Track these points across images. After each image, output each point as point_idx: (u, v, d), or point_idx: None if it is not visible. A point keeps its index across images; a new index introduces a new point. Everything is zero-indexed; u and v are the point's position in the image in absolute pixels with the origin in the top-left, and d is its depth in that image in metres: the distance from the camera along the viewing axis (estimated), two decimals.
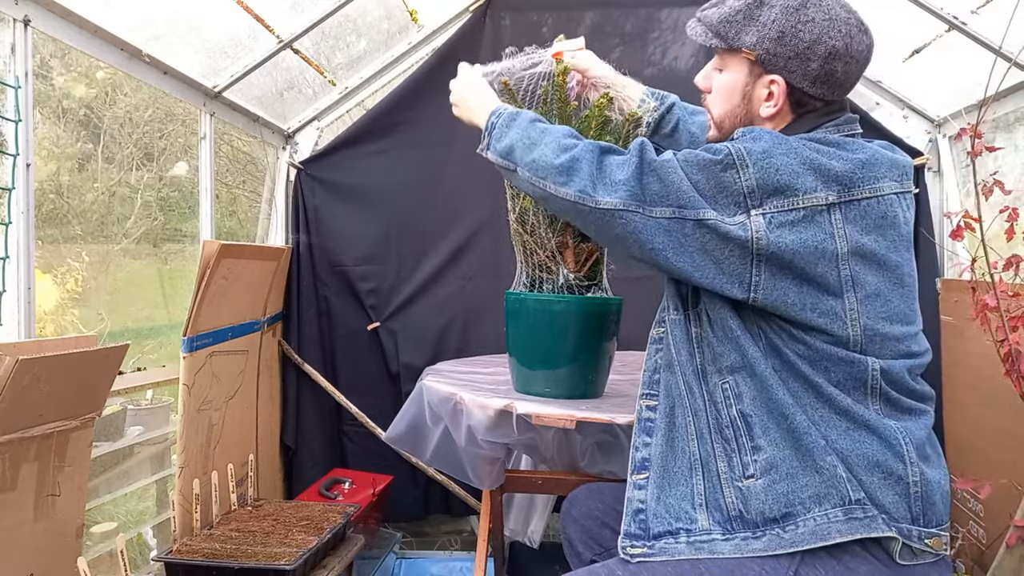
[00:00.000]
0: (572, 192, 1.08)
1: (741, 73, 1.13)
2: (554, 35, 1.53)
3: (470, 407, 1.50)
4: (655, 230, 1.04)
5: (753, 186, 1.00)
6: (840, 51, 1.06)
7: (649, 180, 1.05)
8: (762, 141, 1.02)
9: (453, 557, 2.57)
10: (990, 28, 1.98)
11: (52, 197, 2.52)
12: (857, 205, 1.00)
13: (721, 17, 1.14)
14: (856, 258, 1.00)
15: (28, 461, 1.34)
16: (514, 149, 1.19)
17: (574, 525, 1.42)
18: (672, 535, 1.06)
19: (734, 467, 1.05)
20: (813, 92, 1.09)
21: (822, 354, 1.02)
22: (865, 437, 1.01)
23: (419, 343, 2.54)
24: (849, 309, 1.01)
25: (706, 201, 1.02)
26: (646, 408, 1.17)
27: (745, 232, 0.99)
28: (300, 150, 2.65)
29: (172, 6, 1.84)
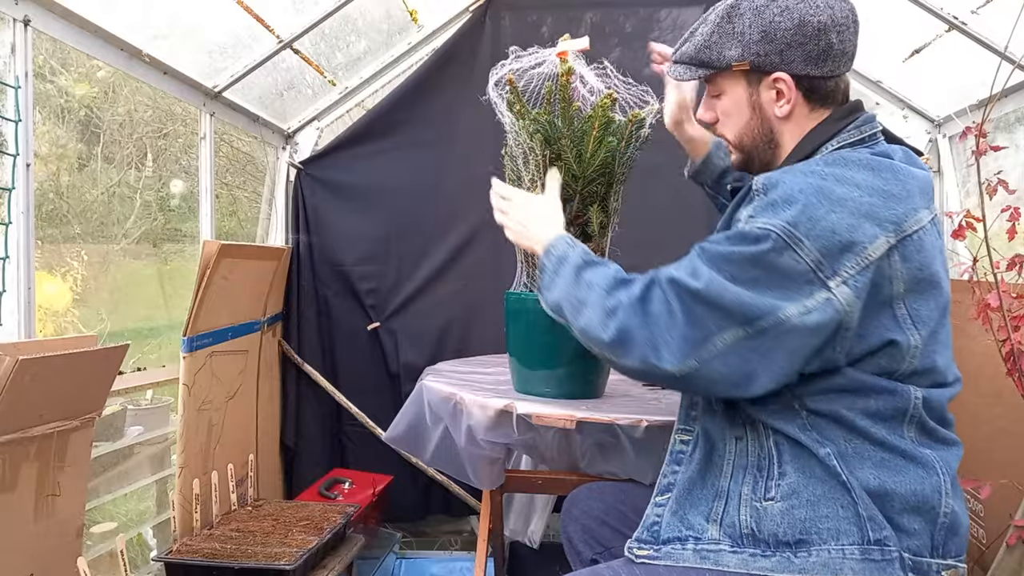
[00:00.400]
0: (635, 363, 1.00)
1: (740, 88, 1.10)
2: (554, 35, 1.53)
3: (470, 407, 1.50)
4: (738, 360, 0.94)
5: (818, 258, 0.91)
6: (827, 23, 1.03)
7: (702, 313, 0.95)
8: (797, 204, 0.92)
9: (453, 557, 2.57)
10: (990, 28, 1.98)
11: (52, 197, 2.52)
12: (910, 241, 0.95)
13: (697, 47, 1.12)
14: (913, 295, 0.96)
15: (28, 461, 1.34)
16: (563, 307, 1.12)
17: (574, 524, 1.42)
18: (680, 541, 1.05)
19: (757, 490, 1.03)
20: (820, 72, 1.05)
21: (863, 384, 0.97)
22: (902, 466, 0.98)
23: (419, 343, 2.54)
24: (912, 346, 0.96)
25: (775, 298, 0.92)
26: (680, 441, 1.14)
27: (833, 308, 0.91)
28: (300, 150, 2.65)
29: (172, 6, 1.84)
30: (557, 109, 1.47)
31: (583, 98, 1.49)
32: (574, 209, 1.49)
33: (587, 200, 1.50)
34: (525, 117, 1.47)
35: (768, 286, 0.92)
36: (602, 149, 1.44)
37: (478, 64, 2.50)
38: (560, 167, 1.45)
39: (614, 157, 1.48)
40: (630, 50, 2.50)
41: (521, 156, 1.50)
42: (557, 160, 1.46)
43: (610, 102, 1.44)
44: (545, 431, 1.56)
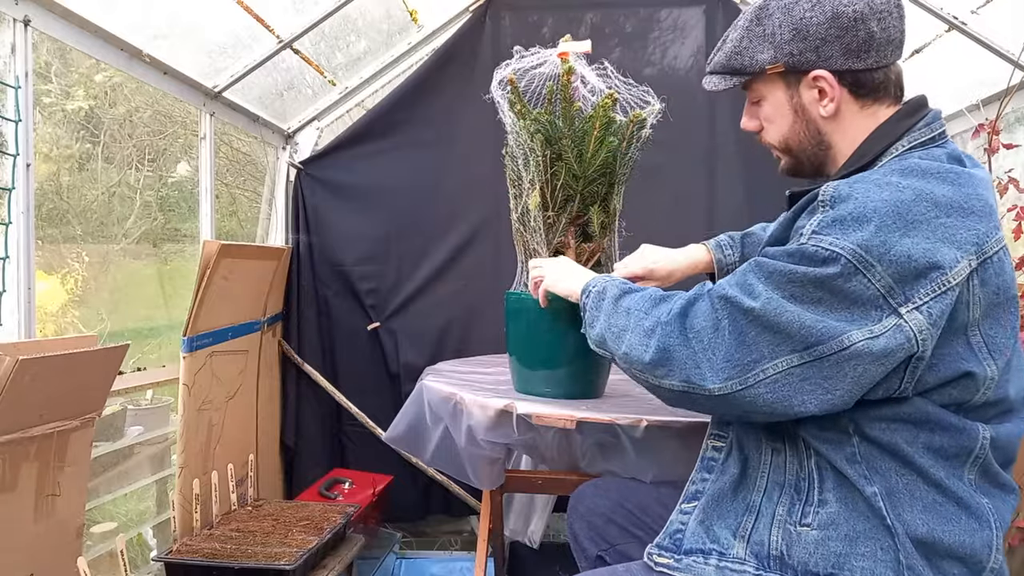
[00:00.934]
0: (677, 383, 0.94)
1: (779, 91, 1.05)
2: (554, 35, 1.53)
3: (470, 407, 1.50)
4: (788, 389, 0.88)
5: (889, 284, 0.84)
6: (864, 12, 0.96)
7: (755, 335, 0.88)
8: (870, 224, 0.85)
9: (453, 557, 2.57)
10: (990, 28, 1.98)
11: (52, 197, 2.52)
12: (990, 263, 0.88)
13: (728, 54, 1.07)
14: (988, 320, 0.89)
15: (28, 461, 1.34)
16: (606, 339, 1.07)
17: (580, 521, 1.41)
18: (703, 554, 1.01)
19: (793, 512, 0.97)
20: (863, 65, 0.98)
21: (929, 416, 0.90)
22: (954, 514, 0.91)
23: (419, 343, 2.54)
24: (989, 377, 0.89)
25: (839, 323, 0.85)
26: (712, 448, 1.10)
27: (903, 335, 0.84)
28: (300, 150, 2.65)
29: (172, 6, 1.84)
30: (558, 109, 1.47)
31: (584, 98, 1.50)
32: (575, 209, 1.49)
33: (588, 200, 1.50)
34: (526, 117, 1.47)
35: (831, 309, 0.86)
36: (603, 149, 1.44)
37: (478, 64, 2.50)
38: (561, 167, 1.45)
39: (615, 157, 1.48)
40: (630, 50, 2.50)
41: (521, 156, 1.50)
42: (558, 160, 1.46)
43: (611, 102, 1.44)
44: (545, 431, 1.55)
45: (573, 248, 1.52)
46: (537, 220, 1.50)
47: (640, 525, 1.35)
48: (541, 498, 2.31)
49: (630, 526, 1.35)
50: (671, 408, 1.46)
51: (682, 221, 2.49)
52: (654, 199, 2.37)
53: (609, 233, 1.56)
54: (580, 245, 1.52)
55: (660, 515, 1.31)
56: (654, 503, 1.36)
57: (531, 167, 1.48)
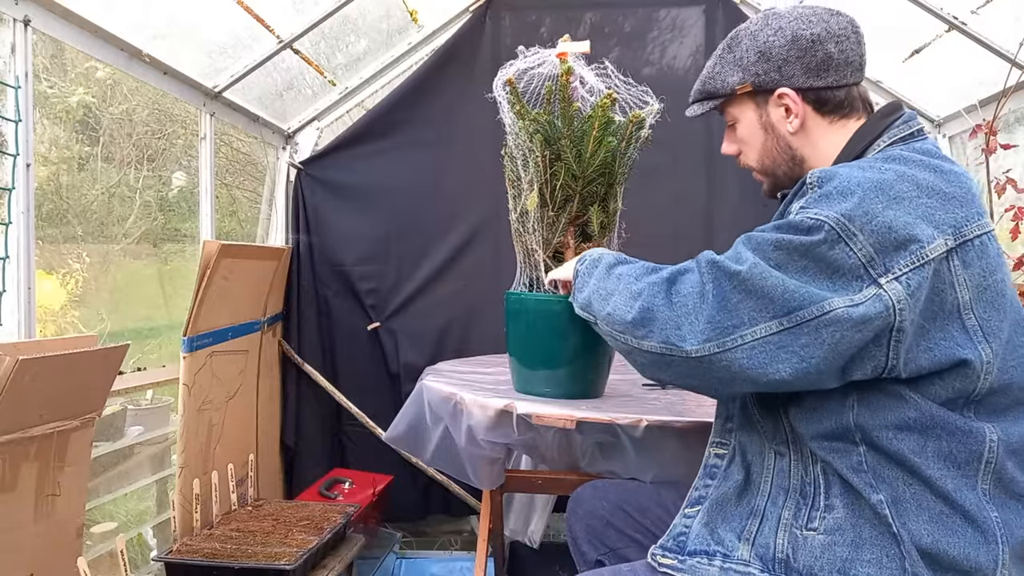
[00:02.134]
0: (656, 344, 0.96)
1: (750, 111, 1.12)
2: (554, 35, 1.53)
3: (470, 407, 1.50)
4: (764, 356, 0.89)
5: (870, 253, 0.87)
6: (822, 35, 1.05)
7: (737, 299, 0.90)
8: (854, 196, 0.89)
9: (453, 557, 2.57)
10: (990, 28, 1.98)
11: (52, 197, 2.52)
12: (971, 246, 0.90)
13: (703, 80, 1.16)
14: (982, 304, 0.91)
15: (28, 461, 1.34)
16: (591, 302, 1.11)
17: (579, 524, 1.41)
18: (707, 555, 1.01)
19: (799, 517, 0.97)
20: (823, 84, 1.06)
21: (934, 420, 0.91)
22: (960, 527, 0.90)
23: (419, 343, 2.54)
24: (986, 362, 0.90)
25: (820, 290, 0.88)
26: (714, 455, 1.11)
27: (882, 304, 0.86)
28: (300, 150, 2.65)
29: (172, 6, 1.84)
30: (557, 109, 1.47)
31: (582, 98, 1.50)
32: (574, 209, 1.49)
33: (587, 200, 1.50)
34: (525, 117, 1.47)
35: (815, 277, 0.89)
36: (602, 149, 1.44)
37: (478, 64, 2.50)
38: (560, 167, 1.45)
39: (614, 157, 1.48)
40: (629, 50, 2.50)
41: (521, 157, 1.50)
42: (557, 160, 1.46)
43: (610, 102, 1.44)
44: (545, 431, 1.55)
45: (573, 248, 1.52)
46: (536, 220, 1.50)
47: (639, 528, 1.35)
48: (541, 498, 2.31)
49: (629, 529, 1.35)
50: (671, 408, 1.47)
51: (681, 221, 2.49)
52: (653, 199, 2.37)
53: (608, 233, 1.56)
54: (580, 245, 1.52)
55: (659, 518, 1.31)
56: (653, 505, 1.36)
57: (530, 167, 1.48)
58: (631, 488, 1.44)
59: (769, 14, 1.10)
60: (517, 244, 1.59)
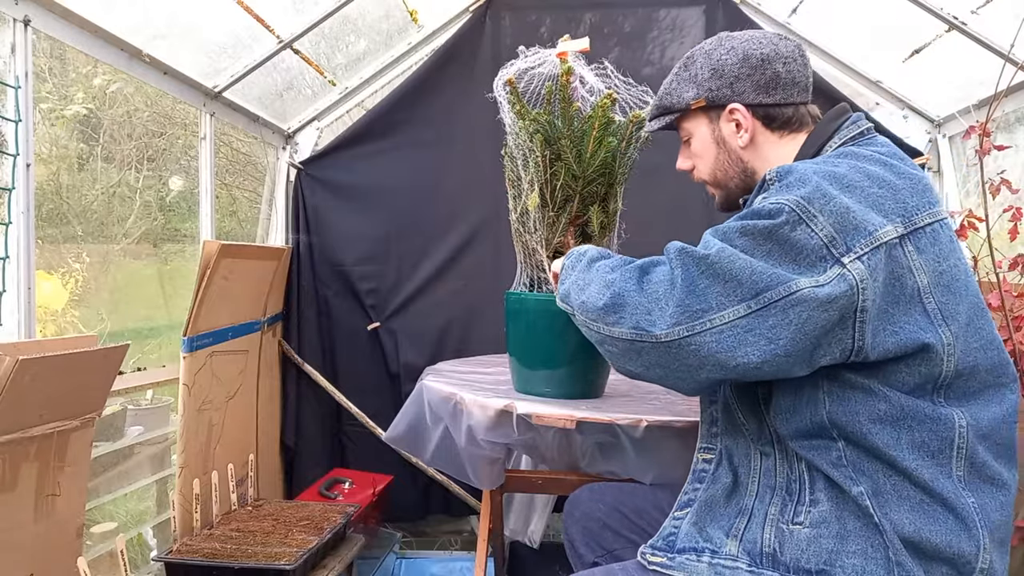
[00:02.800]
0: (626, 330, 0.97)
1: (703, 125, 1.18)
2: (554, 35, 1.53)
3: (470, 407, 1.50)
4: (733, 340, 0.90)
5: (831, 233, 0.90)
6: (771, 55, 1.11)
7: (705, 284, 0.92)
8: (810, 183, 0.93)
9: (453, 557, 2.57)
10: (990, 28, 1.98)
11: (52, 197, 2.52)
12: (923, 233, 0.93)
13: (660, 96, 1.22)
14: (940, 288, 0.93)
15: (28, 461, 1.34)
16: (570, 293, 1.13)
17: (576, 526, 1.42)
18: (696, 552, 1.03)
19: (785, 512, 1.00)
20: (771, 101, 1.11)
21: (905, 412, 0.93)
22: (940, 514, 0.92)
23: (419, 343, 2.54)
24: (947, 344, 0.92)
25: (786, 272, 0.90)
26: (702, 461, 1.14)
27: (847, 283, 0.88)
28: (300, 150, 2.65)
29: (172, 6, 1.84)
30: (557, 109, 1.47)
31: (582, 98, 1.50)
32: (574, 209, 1.49)
33: (587, 200, 1.50)
34: (525, 117, 1.47)
35: (780, 260, 0.91)
36: (602, 149, 1.44)
37: (478, 64, 2.50)
38: (560, 167, 1.45)
39: (614, 157, 1.48)
40: (629, 50, 2.50)
41: (521, 157, 1.50)
42: (557, 160, 1.46)
43: (610, 102, 1.44)
44: (545, 431, 1.56)
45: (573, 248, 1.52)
46: (537, 220, 1.50)
47: (635, 530, 1.35)
48: (541, 498, 2.31)
49: (625, 531, 1.35)
50: (671, 408, 1.47)
51: (681, 221, 2.49)
52: (653, 199, 2.37)
53: (608, 233, 1.56)
54: (580, 245, 1.52)
55: (656, 519, 1.31)
56: (649, 507, 1.36)
57: (530, 167, 1.48)
58: (627, 490, 1.44)
59: (723, 36, 1.17)
60: (517, 244, 1.59)
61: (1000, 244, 1.62)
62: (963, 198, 2.31)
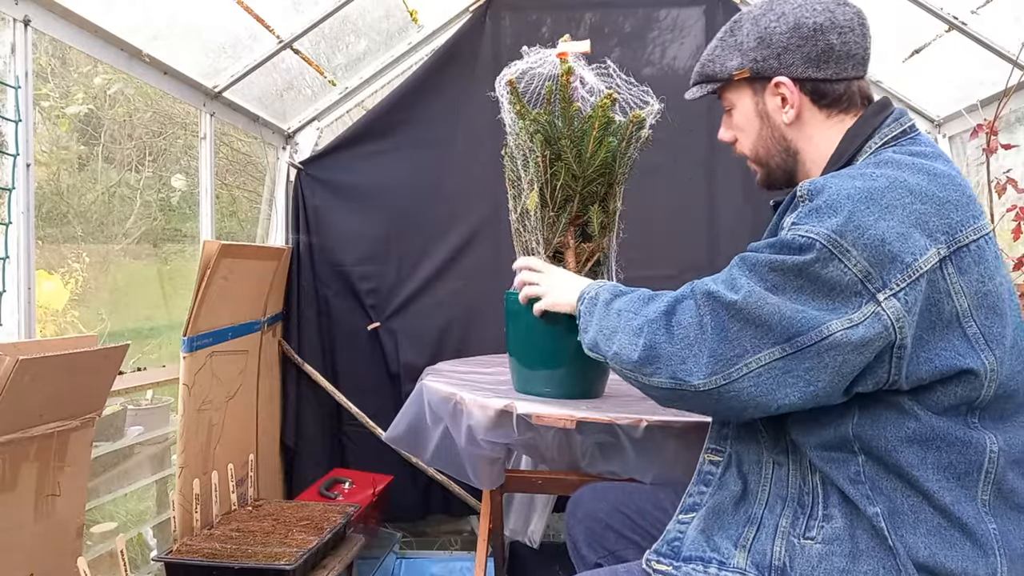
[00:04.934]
0: (665, 380, 0.95)
1: (747, 98, 1.11)
2: (554, 35, 1.53)
3: (470, 407, 1.50)
4: (771, 383, 0.88)
5: (866, 268, 0.85)
6: (825, 24, 1.02)
7: (736, 328, 0.90)
8: (844, 210, 0.86)
9: (453, 557, 2.57)
10: (990, 28, 1.98)
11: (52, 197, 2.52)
12: (967, 251, 0.88)
13: (702, 63, 1.15)
14: (983, 311, 0.89)
15: (28, 461, 1.34)
16: (598, 343, 1.09)
17: (579, 526, 1.41)
18: (703, 562, 1.00)
19: (797, 525, 0.97)
20: (822, 75, 1.03)
21: (936, 433, 0.89)
22: (958, 540, 0.89)
23: (419, 343, 2.54)
24: (990, 370, 0.88)
25: (819, 312, 0.86)
26: (709, 463, 1.10)
27: (881, 323, 0.84)
28: (300, 150, 2.65)
29: (172, 6, 1.84)
30: (557, 109, 1.47)
31: (583, 98, 1.50)
32: (574, 209, 1.49)
33: (587, 200, 1.50)
34: (525, 117, 1.47)
35: (812, 298, 0.87)
36: (602, 149, 1.44)
37: (478, 64, 2.50)
38: (560, 167, 1.45)
39: (614, 157, 1.48)
40: (629, 50, 2.50)
41: (521, 157, 1.50)
42: (557, 160, 1.46)
43: (610, 102, 1.44)
44: (545, 431, 1.55)
45: (573, 248, 1.52)
46: (536, 220, 1.50)
47: (637, 530, 1.35)
48: (541, 498, 2.31)
49: (628, 531, 1.35)
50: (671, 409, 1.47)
51: (682, 221, 2.49)
52: (654, 199, 2.37)
53: (608, 233, 1.55)
54: (580, 245, 1.52)
55: (658, 519, 1.31)
56: (652, 508, 1.35)
57: (530, 167, 1.48)
58: (629, 490, 1.44)
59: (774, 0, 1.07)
60: (517, 244, 1.59)
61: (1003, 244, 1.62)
62: None
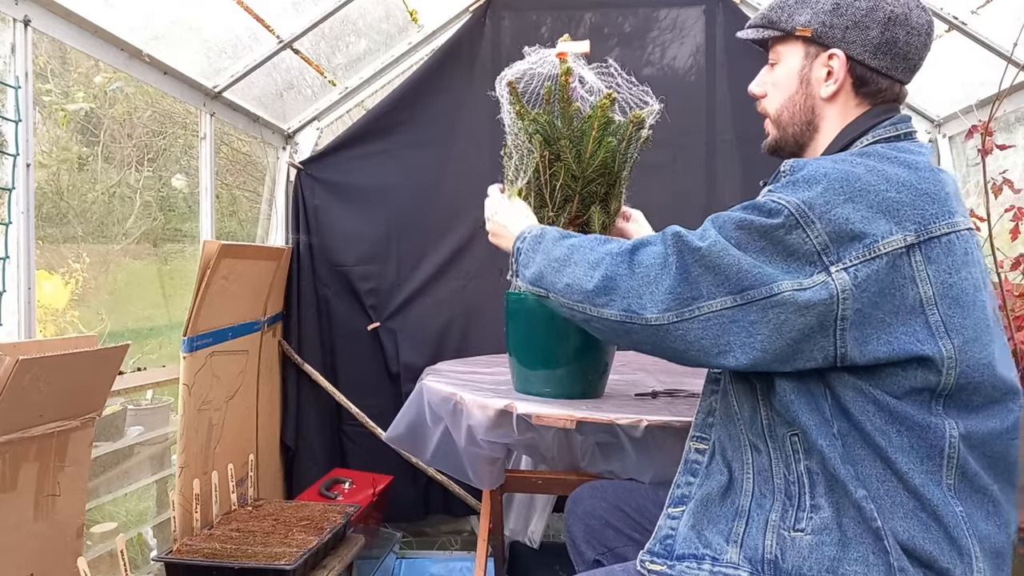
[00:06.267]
0: (616, 312, 0.99)
1: (797, 57, 1.09)
2: (554, 35, 1.53)
3: (470, 407, 1.50)
4: (717, 329, 0.93)
5: (825, 241, 0.89)
6: (900, 17, 1.02)
7: (698, 274, 0.94)
8: (819, 185, 0.91)
9: (453, 557, 2.57)
10: (990, 28, 1.98)
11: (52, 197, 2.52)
12: (938, 242, 0.91)
13: (771, 7, 1.12)
14: (947, 301, 0.91)
15: (28, 461, 1.34)
16: (543, 275, 1.11)
17: (578, 524, 1.41)
18: (696, 559, 1.01)
19: (786, 518, 0.98)
20: (875, 64, 1.04)
21: (896, 417, 0.92)
22: (929, 523, 0.91)
23: (419, 343, 2.54)
24: (947, 358, 0.90)
25: (774, 271, 0.91)
26: (695, 451, 1.12)
27: (828, 292, 0.89)
28: (300, 150, 2.65)
29: (172, 6, 1.84)
30: (557, 109, 1.47)
31: (582, 98, 1.49)
32: (574, 209, 1.49)
33: (587, 200, 1.50)
34: (524, 117, 1.47)
35: (770, 259, 0.92)
36: (601, 149, 1.44)
37: (478, 64, 2.51)
38: (559, 167, 1.45)
39: (614, 157, 1.48)
40: (629, 50, 2.50)
41: (518, 156, 1.50)
42: (557, 160, 1.46)
43: (609, 102, 1.44)
44: (545, 431, 1.55)
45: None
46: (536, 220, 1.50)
47: (637, 528, 1.35)
48: (541, 498, 2.31)
49: (627, 529, 1.35)
50: (671, 408, 1.47)
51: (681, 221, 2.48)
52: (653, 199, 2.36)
53: (609, 233, 1.56)
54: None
55: (658, 517, 1.31)
56: (651, 505, 1.36)
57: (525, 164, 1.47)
58: (629, 488, 1.44)
59: None
60: None
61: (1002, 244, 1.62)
62: (964, 198, 2.31)
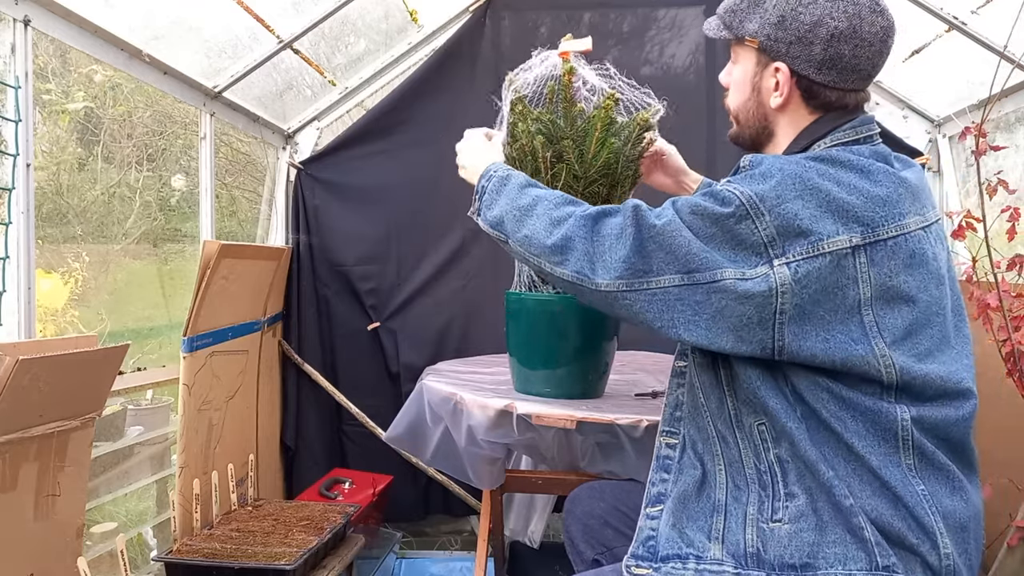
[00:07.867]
0: (569, 272, 1.03)
1: (750, 63, 1.10)
2: (553, 35, 1.53)
3: (470, 407, 1.50)
4: (662, 305, 0.97)
5: (773, 234, 0.92)
6: (845, 33, 1.01)
7: (651, 249, 0.98)
8: (772, 179, 0.94)
9: (453, 557, 2.57)
10: (990, 28, 1.98)
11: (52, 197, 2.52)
12: (883, 246, 0.93)
13: (727, 7, 1.12)
14: (881, 302, 0.93)
15: (28, 461, 1.34)
16: (504, 220, 1.13)
17: (576, 524, 1.41)
18: (680, 559, 1.02)
19: (764, 511, 0.99)
20: (821, 79, 1.03)
21: (848, 404, 0.95)
22: (894, 501, 0.94)
23: (419, 343, 2.54)
24: (880, 355, 0.93)
25: (721, 258, 0.94)
26: (665, 446, 1.12)
27: (767, 284, 0.92)
28: (300, 150, 2.65)
29: (172, 6, 1.84)
30: (559, 109, 1.47)
31: (584, 98, 1.49)
32: None
33: (590, 201, 1.49)
34: (527, 118, 1.47)
35: (719, 246, 0.95)
36: (604, 150, 1.44)
37: (478, 64, 2.50)
38: (562, 168, 1.45)
39: (617, 158, 1.48)
40: (628, 49, 2.50)
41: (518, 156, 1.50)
42: (559, 161, 1.46)
43: (613, 103, 1.43)
44: (545, 431, 1.56)
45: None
46: None
47: (635, 528, 1.35)
48: (541, 498, 2.31)
49: (626, 529, 1.35)
50: None
51: None
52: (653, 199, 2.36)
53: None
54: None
55: None
56: None
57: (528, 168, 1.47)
58: (628, 488, 1.44)
59: None
60: None
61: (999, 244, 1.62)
62: (963, 198, 2.31)
